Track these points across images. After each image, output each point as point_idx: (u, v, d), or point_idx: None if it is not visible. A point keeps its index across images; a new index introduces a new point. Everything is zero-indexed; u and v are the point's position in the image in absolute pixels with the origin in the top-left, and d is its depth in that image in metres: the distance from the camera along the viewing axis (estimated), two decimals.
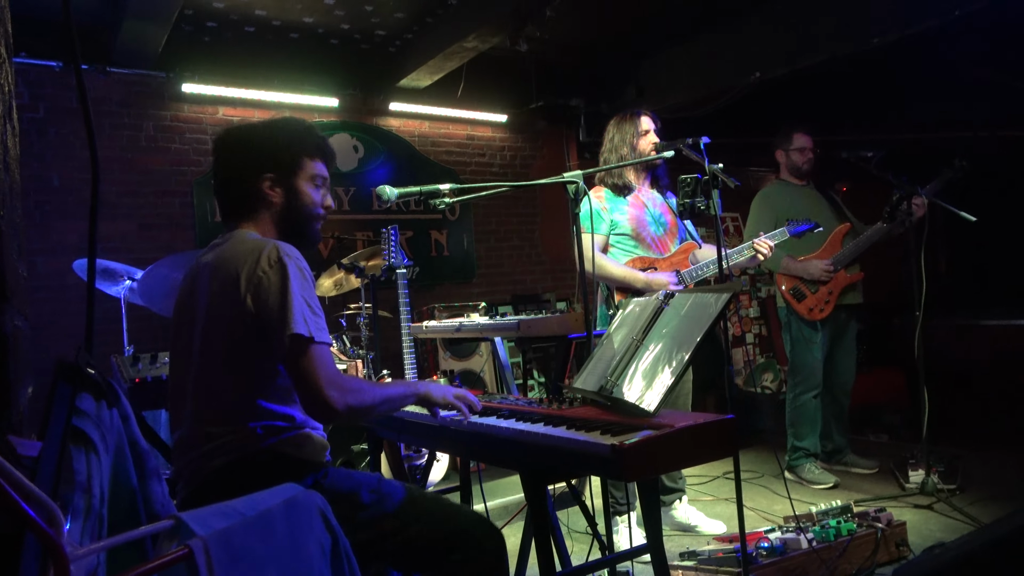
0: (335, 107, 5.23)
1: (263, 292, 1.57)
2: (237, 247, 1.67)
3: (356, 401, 1.58)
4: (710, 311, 1.74)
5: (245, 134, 1.78)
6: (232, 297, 1.59)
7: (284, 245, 1.64)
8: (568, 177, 2.18)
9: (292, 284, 1.57)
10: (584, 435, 1.56)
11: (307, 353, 1.55)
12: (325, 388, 1.54)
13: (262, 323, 1.57)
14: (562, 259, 6.45)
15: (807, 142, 4.04)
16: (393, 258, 3.23)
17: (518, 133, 6.29)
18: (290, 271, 1.59)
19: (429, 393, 1.83)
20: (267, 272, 1.59)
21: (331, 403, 1.54)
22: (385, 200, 2.01)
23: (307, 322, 1.56)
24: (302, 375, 1.54)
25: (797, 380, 3.94)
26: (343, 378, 1.59)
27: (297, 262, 1.62)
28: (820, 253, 3.90)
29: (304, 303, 1.58)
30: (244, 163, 1.75)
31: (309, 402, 1.56)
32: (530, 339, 2.55)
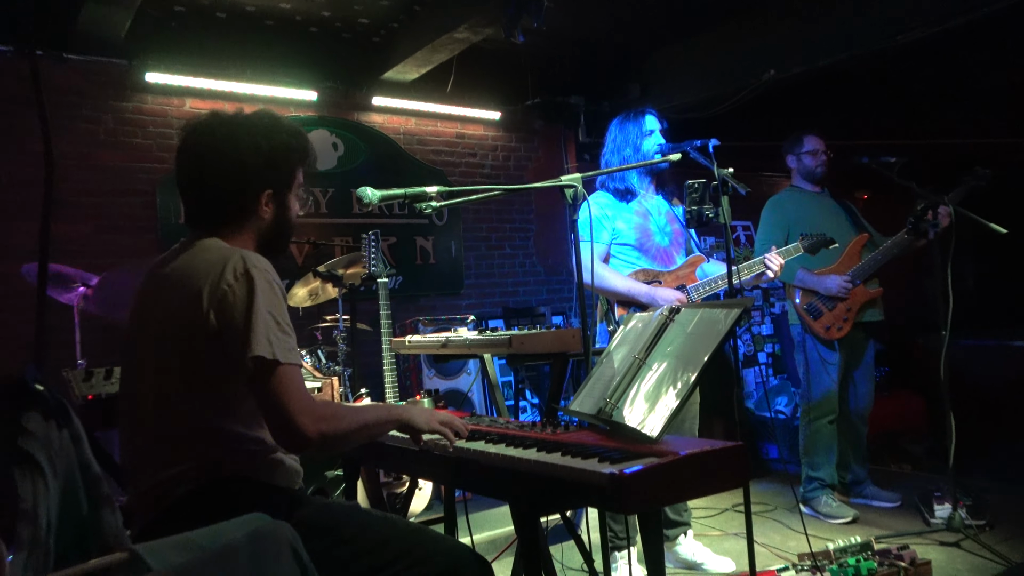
0: (313, 101, 5.24)
1: (227, 308, 1.56)
2: (201, 256, 1.66)
3: (330, 429, 1.57)
4: (718, 328, 1.74)
5: (234, 134, 1.72)
6: (194, 312, 1.58)
7: (252, 255, 1.63)
8: (566, 180, 2.18)
9: (258, 299, 1.56)
10: (580, 463, 1.56)
11: (273, 377, 1.53)
12: (295, 415, 1.53)
13: (226, 342, 1.56)
14: (558, 269, 6.45)
15: (818, 144, 4.07)
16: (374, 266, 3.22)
17: (512, 132, 6.31)
18: (257, 284, 1.58)
19: (412, 419, 1.81)
20: (232, 285, 1.57)
21: (302, 432, 1.53)
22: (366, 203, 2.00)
23: (272, 342, 1.55)
24: (269, 401, 1.53)
25: (812, 404, 3.95)
26: (316, 403, 1.58)
27: (266, 274, 1.61)
28: (837, 266, 3.92)
29: (271, 320, 1.57)
30: (239, 173, 1.71)
31: (278, 431, 1.55)
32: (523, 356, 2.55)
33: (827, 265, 3.93)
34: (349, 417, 1.64)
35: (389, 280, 3.22)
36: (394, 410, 1.81)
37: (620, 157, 3.20)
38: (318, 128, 5.30)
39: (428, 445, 1.93)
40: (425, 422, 1.84)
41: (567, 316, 6.24)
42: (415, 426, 1.82)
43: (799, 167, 4.13)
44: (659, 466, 1.48)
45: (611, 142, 3.26)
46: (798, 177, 4.16)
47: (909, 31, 4.22)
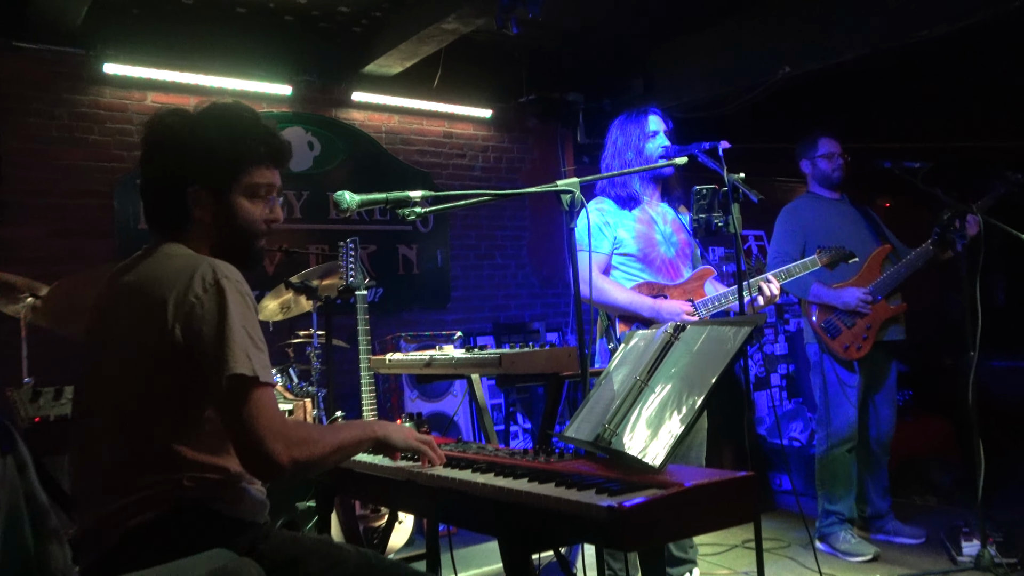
0: (288, 96, 5.25)
1: (196, 322, 1.56)
2: (165, 264, 1.65)
3: (304, 454, 1.58)
4: (728, 347, 1.75)
5: (175, 125, 1.74)
6: (157, 326, 1.57)
7: (222, 265, 1.63)
8: (563, 185, 2.19)
9: (231, 313, 1.56)
10: (576, 494, 1.55)
11: (249, 397, 1.54)
12: (268, 440, 1.53)
13: (194, 360, 1.56)
14: (554, 282, 6.46)
15: (834, 147, 4.10)
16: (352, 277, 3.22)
17: (505, 131, 6.33)
18: (229, 296, 1.57)
19: (388, 436, 1.83)
20: (201, 297, 1.57)
21: (274, 458, 1.53)
22: (344, 208, 2.00)
23: (251, 359, 1.55)
24: (241, 424, 1.53)
25: (829, 431, 3.95)
26: (289, 426, 1.58)
27: (238, 285, 1.61)
28: (856, 280, 3.94)
29: (246, 336, 1.57)
30: (168, 166, 1.71)
31: (247, 456, 1.55)
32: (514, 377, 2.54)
33: (845, 279, 3.94)
34: (323, 440, 1.64)
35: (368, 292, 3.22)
36: (369, 427, 1.81)
37: (621, 160, 3.21)
38: (293, 125, 5.31)
39: (408, 472, 1.93)
40: (402, 439, 1.86)
41: (563, 333, 6.24)
42: (391, 443, 1.84)
43: (814, 172, 4.15)
44: (662, 498, 1.48)
45: (612, 144, 3.28)
46: (814, 183, 4.18)
47: (933, 26, 4.26)
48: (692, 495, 1.52)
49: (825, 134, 4.13)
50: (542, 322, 5.99)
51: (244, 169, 1.75)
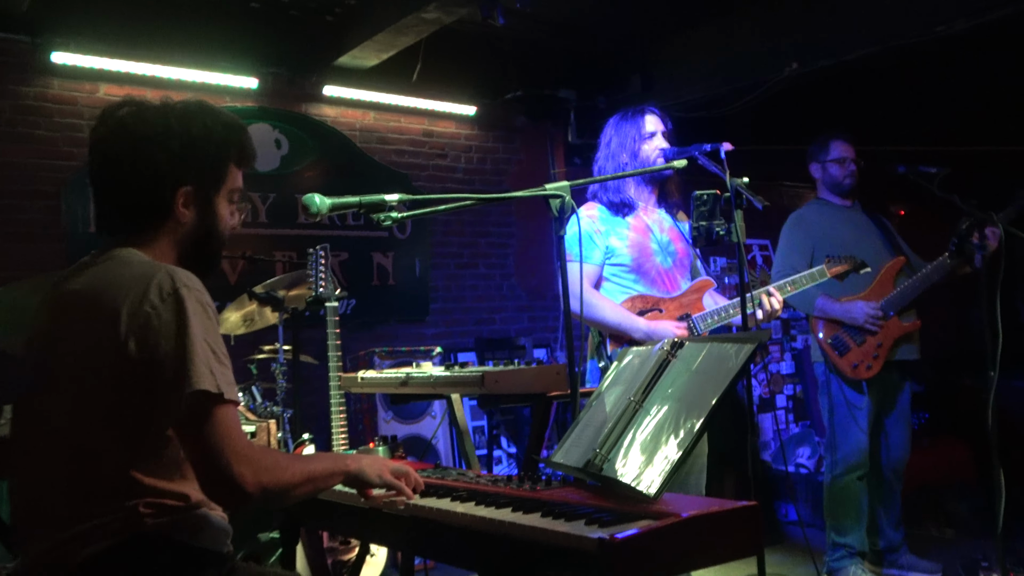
0: (253, 90, 5.24)
1: (152, 334, 1.55)
2: (117, 271, 1.64)
3: (273, 482, 1.57)
4: (729, 366, 1.76)
5: (153, 120, 1.72)
6: (109, 338, 1.56)
7: (181, 272, 1.62)
8: (552, 189, 2.20)
9: (192, 324, 1.56)
10: (564, 525, 1.56)
11: (213, 417, 1.53)
12: (234, 464, 1.52)
13: (151, 375, 1.55)
14: (542, 294, 6.47)
15: (847, 150, 4.13)
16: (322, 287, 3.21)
17: (489, 130, 6.35)
18: (189, 307, 1.57)
19: (362, 470, 1.82)
20: (158, 307, 1.57)
21: (240, 483, 1.52)
22: (314, 212, 2.01)
23: (215, 374, 1.55)
24: (204, 446, 1.53)
25: (838, 457, 3.97)
26: (255, 450, 1.58)
27: (198, 295, 1.61)
28: (868, 294, 3.96)
29: (208, 349, 1.57)
30: (154, 165, 1.70)
31: (211, 481, 1.55)
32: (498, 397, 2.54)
33: (855, 292, 3.96)
34: (293, 468, 1.64)
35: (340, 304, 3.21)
36: (341, 460, 1.81)
37: (616, 163, 3.23)
38: (258, 122, 5.30)
39: (379, 502, 1.92)
40: (377, 474, 1.84)
41: (552, 349, 6.24)
42: (365, 478, 1.82)
43: (824, 177, 4.19)
44: (657, 530, 1.49)
45: (605, 145, 3.29)
46: (824, 189, 4.22)
47: (951, 21, 4.31)
48: (690, 526, 1.53)
49: (837, 137, 4.16)
50: (529, 337, 5.99)
51: (229, 170, 1.79)
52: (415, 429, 5.00)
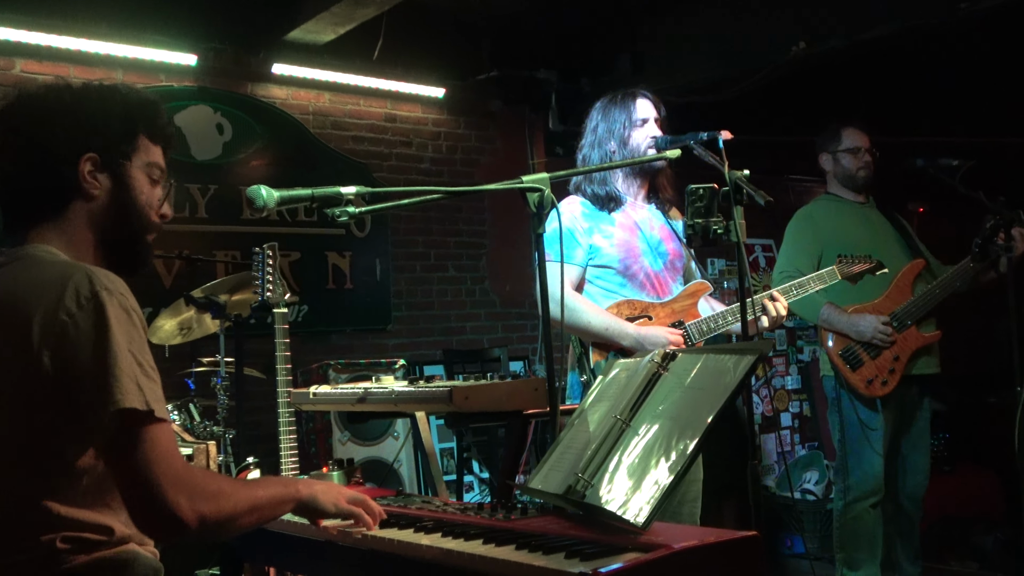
0: (192, 67, 5.21)
1: (69, 346, 1.54)
2: (27, 275, 1.63)
3: (212, 510, 1.57)
4: (727, 380, 1.77)
5: (52, 96, 1.75)
6: (18, 351, 1.56)
7: (101, 273, 1.61)
8: (530, 182, 2.21)
9: (114, 333, 1.55)
10: (541, 559, 1.56)
11: (142, 437, 1.53)
12: (168, 491, 1.52)
13: (68, 393, 1.54)
14: (519, 300, 6.47)
15: (861, 140, 4.17)
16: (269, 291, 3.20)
17: (460, 115, 6.35)
18: (110, 313, 1.56)
19: (315, 497, 1.81)
20: (75, 315, 1.55)
21: (177, 513, 1.52)
22: (260, 206, 2.00)
23: (142, 390, 1.54)
24: (133, 471, 1.52)
25: (849, 483, 4.00)
26: (194, 474, 1.57)
27: (122, 299, 1.60)
28: (882, 301, 3.99)
29: (134, 361, 1.56)
30: (51, 135, 1.71)
31: (143, 511, 1.54)
32: (469, 416, 2.55)
33: (869, 298, 3.99)
34: (236, 495, 1.64)
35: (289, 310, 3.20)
36: (292, 485, 1.80)
37: (602, 152, 3.24)
38: (197, 103, 5.27)
39: (333, 533, 1.92)
40: (331, 501, 1.84)
41: (529, 362, 6.25)
42: (319, 506, 1.82)
43: (836, 169, 4.22)
44: (646, 563, 1.49)
45: (591, 131, 3.30)
46: (835, 182, 4.25)
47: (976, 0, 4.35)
48: (683, 559, 1.53)
49: (849, 125, 4.20)
50: (503, 349, 6.00)
51: (142, 139, 1.79)
52: (375, 452, 4.99)
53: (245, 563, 2.74)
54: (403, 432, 5.03)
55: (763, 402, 6.71)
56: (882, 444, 3.97)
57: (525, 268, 6.38)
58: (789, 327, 6.99)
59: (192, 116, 5.22)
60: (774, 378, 6.93)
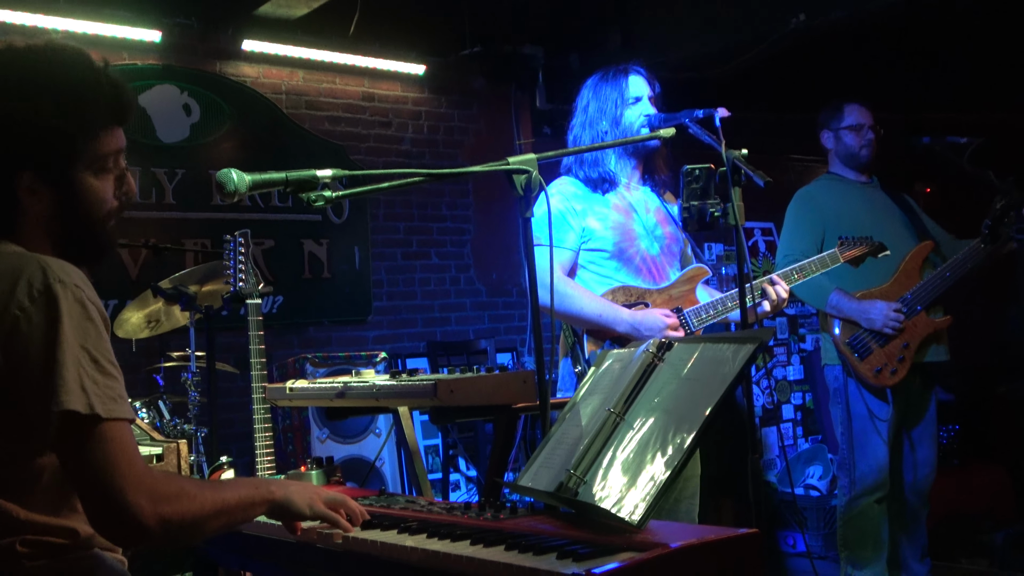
0: (156, 44, 5.18)
1: (20, 342, 1.54)
2: None
3: (176, 513, 1.56)
4: (725, 371, 1.78)
5: None
6: None
7: (57, 264, 1.61)
8: (516, 163, 2.21)
9: (65, 328, 1.54)
10: (532, 560, 1.56)
11: (92, 439, 1.52)
12: (127, 493, 1.51)
13: (17, 391, 1.54)
14: (506, 288, 6.48)
15: (864, 116, 4.18)
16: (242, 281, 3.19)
17: (442, 94, 6.34)
18: (63, 306, 1.55)
19: (289, 499, 1.80)
20: (27, 309, 1.55)
21: (137, 517, 1.51)
22: (231, 191, 1.99)
23: (88, 391, 1.53)
24: (86, 474, 1.52)
25: (855, 477, 4.02)
26: (153, 476, 1.57)
27: (77, 292, 1.59)
28: (890, 286, 4.00)
29: (85, 358, 1.55)
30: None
31: (101, 516, 1.54)
32: (454, 411, 2.54)
33: (875, 284, 4.00)
34: (201, 496, 1.63)
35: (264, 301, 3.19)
36: (264, 486, 1.79)
37: (594, 132, 3.24)
38: (163, 83, 5.25)
39: (314, 534, 1.92)
40: (307, 503, 1.82)
41: (518, 354, 6.26)
42: (294, 508, 1.81)
43: (838, 147, 4.23)
44: (642, 563, 1.49)
45: (582, 111, 3.30)
46: (837, 161, 4.26)
47: None
48: (680, 559, 1.54)
49: (853, 101, 4.21)
50: (490, 340, 6.00)
51: (86, 137, 1.70)
52: (355, 450, 4.99)
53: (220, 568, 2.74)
54: (385, 429, 5.03)
55: (764, 394, 6.74)
56: (889, 436, 3.98)
57: (512, 255, 6.39)
58: (791, 314, 7.02)
59: (157, 96, 5.20)
60: (775, 368, 6.96)
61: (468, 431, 5.52)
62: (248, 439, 3.25)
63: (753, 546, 1.62)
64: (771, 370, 6.90)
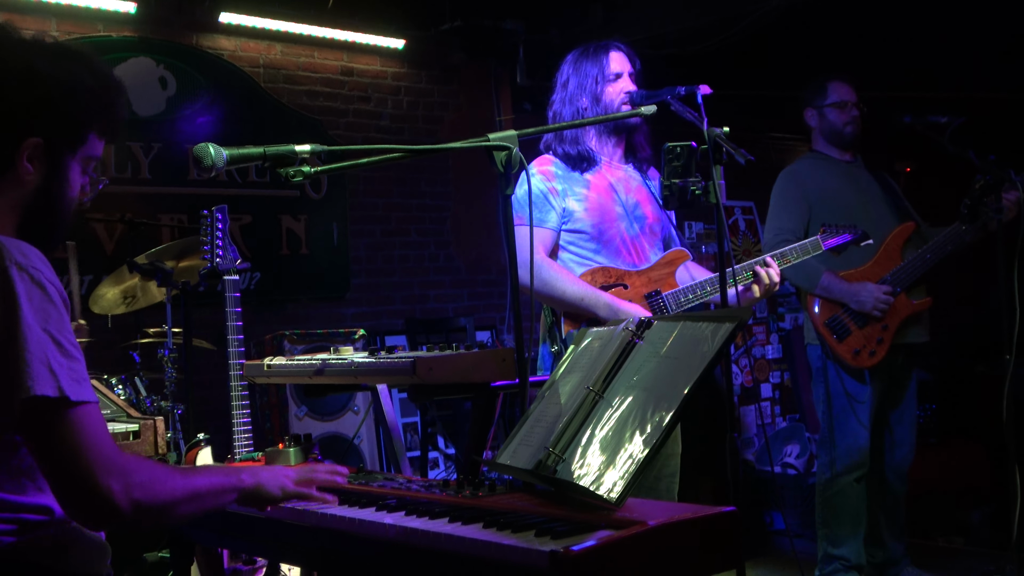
0: (132, 15, 5.13)
1: None
2: None
3: (148, 496, 1.57)
4: (704, 350, 1.79)
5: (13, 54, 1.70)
6: None
7: (13, 245, 1.60)
8: (497, 139, 2.20)
9: (24, 310, 1.54)
10: (510, 537, 1.57)
11: (62, 423, 1.52)
12: (99, 476, 1.52)
13: None
14: (486, 265, 6.47)
15: (848, 94, 4.19)
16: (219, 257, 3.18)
17: (422, 69, 6.30)
18: (19, 288, 1.55)
19: (260, 486, 1.82)
20: None
21: (109, 499, 1.52)
22: (208, 165, 1.98)
23: (55, 373, 1.53)
24: (57, 459, 1.52)
25: (834, 456, 4.05)
26: (126, 460, 1.57)
27: (36, 273, 1.58)
28: (872, 266, 4.01)
29: (48, 340, 1.55)
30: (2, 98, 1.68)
31: (73, 499, 1.54)
32: (432, 388, 2.55)
33: (856, 265, 4.01)
34: (174, 482, 1.64)
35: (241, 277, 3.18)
36: (234, 474, 1.81)
37: (574, 108, 3.23)
38: (138, 55, 5.20)
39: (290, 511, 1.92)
40: (278, 487, 1.85)
41: (497, 332, 6.26)
42: (265, 494, 1.83)
43: (822, 125, 4.24)
44: (619, 540, 1.51)
45: (561, 87, 3.30)
46: (820, 139, 4.27)
47: None
48: (658, 536, 1.55)
49: (836, 78, 4.21)
50: (470, 318, 6.01)
51: (89, 135, 1.77)
52: (334, 427, 4.99)
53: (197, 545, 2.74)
54: (363, 406, 5.03)
55: (742, 372, 6.78)
56: (868, 416, 4.02)
57: (492, 232, 6.39)
58: None
59: (133, 69, 5.15)
60: (754, 347, 7.00)
61: (447, 409, 5.53)
62: (225, 416, 3.24)
63: (731, 523, 1.64)
64: (750, 349, 6.94)
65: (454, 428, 5.55)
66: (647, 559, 1.54)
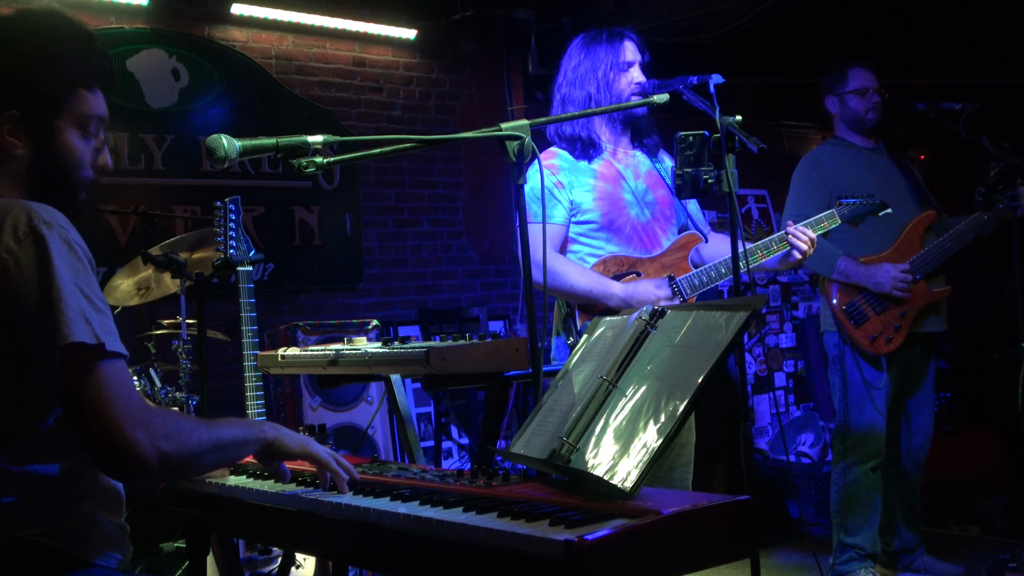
0: (144, 7, 5.14)
1: (11, 284, 1.55)
2: None
3: (174, 448, 1.59)
4: (718, 338, 1.78)
5: None
6: None
7: (40, 208, 1.62)
8: (509, 129, 2.20)
9: (57, 266, 1.56)
10: (524, 526, 1.57)
11: (95, 373, 1.54)
12: (126, 427, 1.53)
13: (12, 334, 1.55)
14: (499, 255, 6.47)
15: (869, 80, 4.16)
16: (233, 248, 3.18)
17: (433, 59, 6.30)
18: (52, 245, 1.57)
19: (281, 439, 1.85)
20: (14, 251, 1.57)
21: (137, 450, 1.53)
22: (221, 157, 1.98)
23: (90, 322, 1.55)
24: (90, 409, 1.53)
25: (850, 445, 4.05)
26: (152, 412, 1.59)
27: (62, 232, 1.61)
28: (892, 253, 4.00)
29: (80, 294, 1.57)
30: None
31: (103, 450, 1.55)
32: (446, 378, 2.55)
33: (876, 251, 4.00)
34: (198, 433, 1.67)
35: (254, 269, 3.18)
36: (258, 426, 1.84)
37: (583, 92, 3.20)
38: (151, 47, 5.20)
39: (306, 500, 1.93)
40: (298, 444, 1.88)
41: (510, 321, 6.26)
42: (284, 447, 1.86)
43: (843, 112, 4.21)
44: (634, 530, 1.50)
45: (572, 70, 3.26)
46: (842, 126, 4.25)
47: None
48: (673, 525, 1.55)
49: (857, 65, 4.19)
50: (483, 308, 6.00)
51: (75, 93, 1.77)
52: (347, 417, 5.00)
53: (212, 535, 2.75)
54: (377, 396, 5.04)
55: (756, 361, 6.76)
56: (885, 404, 4.01)
57: (504, 222, 6.39)
58: (783, 282, 7.02)
59: (145, 61, 5.16)
60: (768, 336, 6.98)
61: (460, 399, 5.54)
62: (240, 407, 3.25)
63: (745, 512, 1.63)
64: (764, 338, 6.93)
65: (467, 418, 5.56)
66: (661, 548, 1.54)
